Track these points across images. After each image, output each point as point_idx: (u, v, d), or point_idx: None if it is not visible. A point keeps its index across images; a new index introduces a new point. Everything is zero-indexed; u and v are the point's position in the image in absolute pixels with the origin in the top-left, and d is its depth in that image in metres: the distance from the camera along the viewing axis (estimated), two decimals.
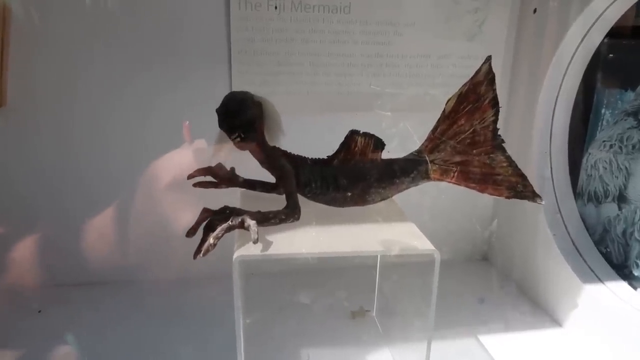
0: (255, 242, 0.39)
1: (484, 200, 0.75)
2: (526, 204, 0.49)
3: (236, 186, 0.53)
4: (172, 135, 0.63)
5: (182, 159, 0.61)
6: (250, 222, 0.41)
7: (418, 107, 0.68)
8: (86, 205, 0.64)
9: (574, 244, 0.63)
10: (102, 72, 0.61)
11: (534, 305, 0.66)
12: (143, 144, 0.64)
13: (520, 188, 0.48)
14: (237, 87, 0.63)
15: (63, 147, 0.63)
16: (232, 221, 0.41)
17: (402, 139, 0.62)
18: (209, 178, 0.52)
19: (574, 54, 0.61)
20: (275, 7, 0.62)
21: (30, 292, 0.64)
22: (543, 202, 0.47)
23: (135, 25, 0.61)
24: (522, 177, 0.48)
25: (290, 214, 0.44)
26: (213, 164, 0.52)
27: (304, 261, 0.71)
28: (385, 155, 0.49)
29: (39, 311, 0.62)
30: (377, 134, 0.48)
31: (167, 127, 0.63)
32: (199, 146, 0.60)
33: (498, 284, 0.72)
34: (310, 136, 0.58)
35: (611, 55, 0.60)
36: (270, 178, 0.49)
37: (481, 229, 0.78)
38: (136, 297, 0.65)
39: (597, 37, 0.60)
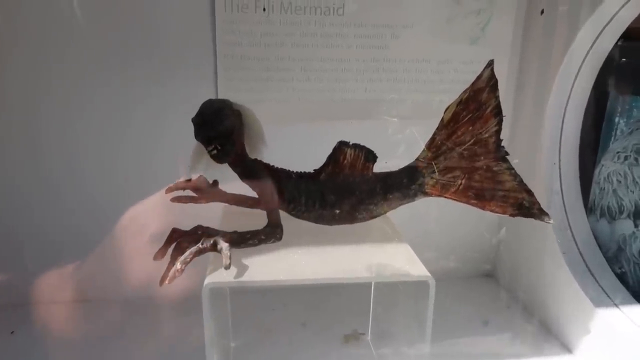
0: (226, 267, 0.36)
1: (489, 214, 0.71)
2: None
3: (218, 201, 0.49)
4: (153, 143, 0.60)
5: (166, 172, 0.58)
6: (223, 245, 0.37)
7: (418, 115, 0.64)
8: (61, 221, 0.61)
9: (585, 263, 0.58)
10: (81, 77, 0.58)
11: (542, 328, 0.62)
12: (122, 153, 0.60)
13: (526, 205, 0.44)
14: (223, 94, 0.60)
15: (38, 159, 0.60)
16: (202, 243, 0.37)
17: (402, 149, 0.59)
18: (188, 192, 0.48)
19: (584, 58, 0.56)
20: (264, 9, 0.58)
21: (2, 313, 0.61)
22: (552, 222, 0.43)
23: (116, 27, 0.57)
24: (528, 192, 0.44)
25: (270, 234, 0.41)
26: (193, 177, 0.49)
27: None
28: (383, 167, 0.45)
29: (12, 332, 0.58)
30: (372, 145, 0.44)
31: (149, 135, 0.60)
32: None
33: (503, 304, 0.67)
34: (302, 146, 0.54)
35: (625, 59, 0.56)
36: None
37: (486, 244, 0.73)
38: (115, 316, 0.62)
39: (609, 39, 0.55)
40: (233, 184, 0.47)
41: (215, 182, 0.49)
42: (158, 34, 0.58)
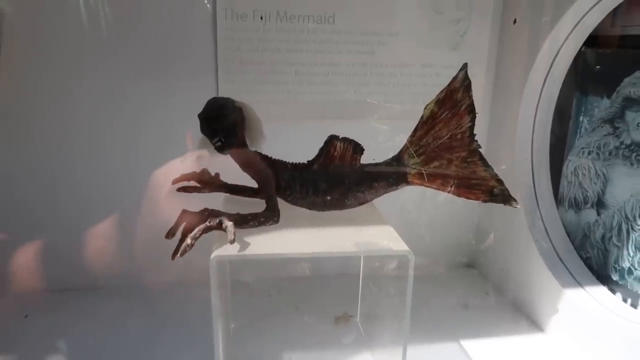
0: (231, 242, 0.40)
1: (469, 208, 0.76)
2: (510, 212, 0.50)
3: (220, 191, 0.54)
4: (161, 144, 0.64)
5: (173, 167, 0.62)
6: (228, 223, 0.41)
7: (403, 115, 0.69)
8: (77, 211, 0.65)
9: (555, 250, 0.63)
10: (93, 82, 0.63)
11: (517, 310, 0.67)
12: (133, 152, 0.65)
13: (496, 192, 0.49)
14: (224, 95, 0.64)
15: (57, 153, 0.64)
16: (209, 222, 0.42)
17: (388, 145, 0.64)
18: (193, 183, 0.53)
19: (552, 63, 0.62)
20: (261, 18, 0.63)
21: (16, 297, 0.65)
22: (518, 206, 0.48)
23: (122, 37, 0.62)
24: (499, 181, 0.49)
25: (269, 217, 0.45)
26: (197, 169, 0.54)
27: (290, 268, 0.72)
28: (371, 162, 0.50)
29: (26, 316, 0.62)
30: (360, 142, 0.49)
31: (156, 136, 0.64)
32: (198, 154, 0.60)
33: (482, 290, 0.72)
34: (296, 144, 0.59)
35: (588, 64, 0.62)
36: (254, 183, 0.50)
37: (467, 237, 0.78)
38: (122, 302, 0.65)
39: (574, 46, 0.61)
40: (234, 175, 0.51)
41: (217, 174, 0.54)
42: (164, 41, 0.63)
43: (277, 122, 0.61)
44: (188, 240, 0.40)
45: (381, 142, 0.67)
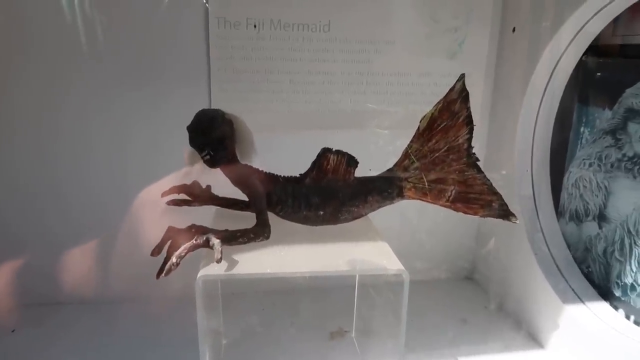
0: (218, 261, 0.39)
1: (468, 219, 0.74)
2: (509, 224, 0.48)
3: (211, 204, 0.52)
4: (151, 154, 0.63)
5: (163, 180, 0.61)
6: (215, 241, 0.40)
7: (400, 125, 0.68)
8: (63, 224, 0.64)
9: (555, 263, 0.62)
10: (82, 91, 0.61)
11: (516, 325, 0.65)
12: (122, 164, 0.64)
13: (494, 206, 0.47)
14: (217, 105, 0.63)
15: (41, 165, 0.63)
16: (196, 240, 0.40)
17: (383, 156, 0.63)
18: (183, 196, 0.52)
19: (552, 72, 0.61)
20: (255, 26, 0.62)
21: (4, 311, 0.63)
22: (517, 221, 0.47)
23: (113, 45, 0.61)
24: (497, 195, 0.47)
25: (259, 233, 0.44)
26: (188, 182, 0.52)
27: (284, 281, 0.70)
28: (367, 174, 0.48)
29: (13, 330, 0.61)
30: (356, 152, 0.47)
31: (147, 146, 0.63)
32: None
33: (481, 304, 0.71)
34: (290, 155, 0.57)
35: (589, 74, 0.60)
36: (246, 196, 0.49)
37: (466, 248, 0.77)
38: (112, 317, 0.64)
39: (575, 55, 0.60)
40: (225, 188, 0.50)
41: (208, 187, 0.53)
42: (156, 50, 0.62)
43: (270, 132, 0.60)
44: (173, 259, 0.39)
45: (377, 152, 0.66)
